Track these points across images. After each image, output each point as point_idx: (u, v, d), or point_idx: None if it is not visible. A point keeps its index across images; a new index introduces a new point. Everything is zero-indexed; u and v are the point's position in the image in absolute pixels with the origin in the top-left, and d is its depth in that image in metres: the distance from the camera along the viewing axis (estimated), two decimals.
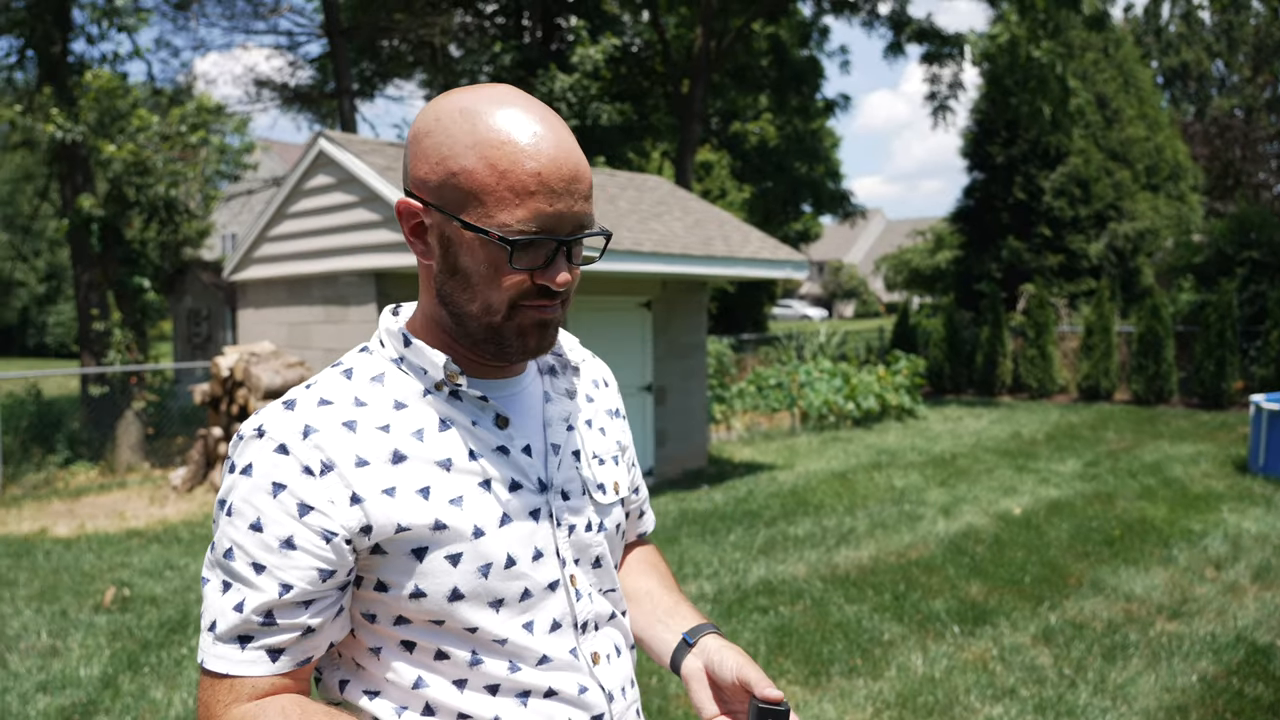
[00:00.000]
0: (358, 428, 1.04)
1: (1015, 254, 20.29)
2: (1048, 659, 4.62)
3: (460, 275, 1.05)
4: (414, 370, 1.10)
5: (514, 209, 0.99)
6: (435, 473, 1.05)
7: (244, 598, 1.00)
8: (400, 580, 1.04)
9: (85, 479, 9.92)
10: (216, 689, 1.01)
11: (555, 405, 1.18)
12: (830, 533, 7.12)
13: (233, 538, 1.01)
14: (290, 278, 8.97)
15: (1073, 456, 10.49)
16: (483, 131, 1.00)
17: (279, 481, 1.00)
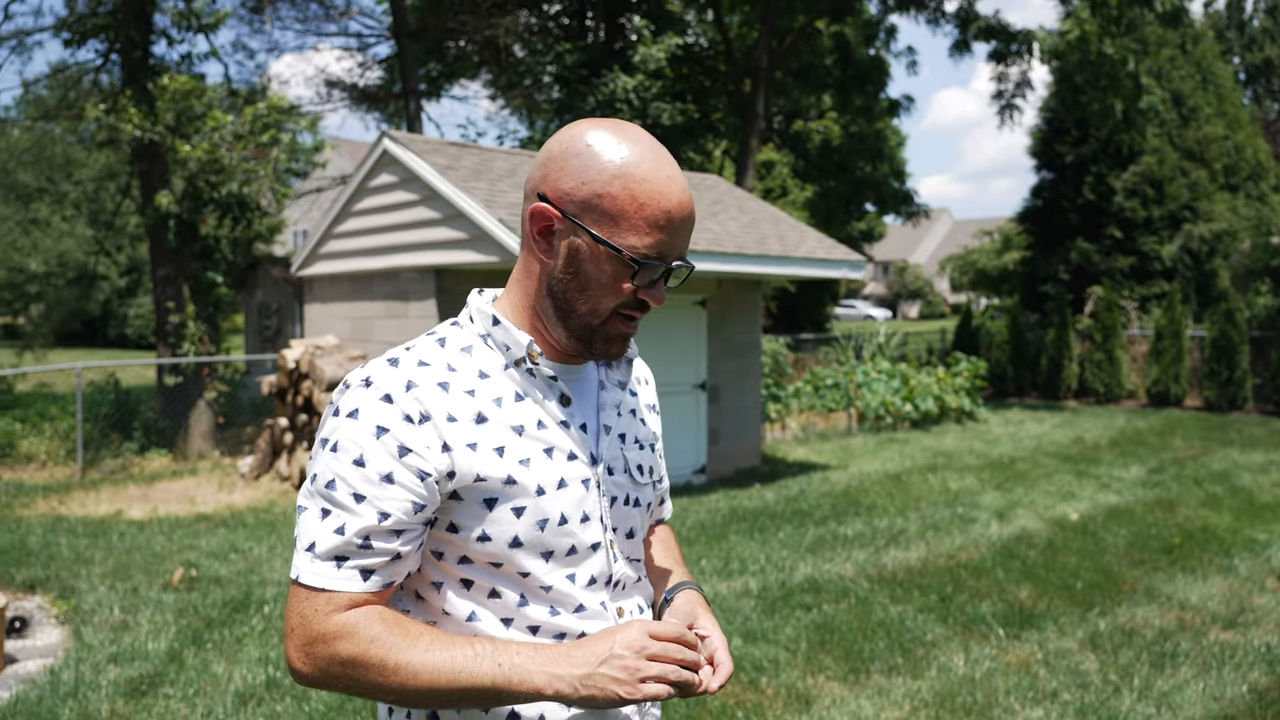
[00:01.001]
0: (450, 389, 1.21)
1: (1084, 256, 19.84)
2: (1093, 664, 4.58)
3: (580, 279, 1.22)
4: (498, 346, 1.26)
5: (643, 236, 1.18)
6: (510, 435, 1.22)
7: (344, 522, 1.15)
8: (471, 524, 1.20)
9: (159, 465, 10.33)
10: (314, 600, 1.15)
11: (609, 393, 1.36)
12: (880, 533, 7.10)
13: (336, 470, 1.16)
14: (354, 273, 9.22)
15: (1136, 463, 10.26)
16: (629, 167, 1.18)
17: (383, 425, 1.16)
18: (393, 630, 1.14)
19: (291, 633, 1.16)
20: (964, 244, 37.84)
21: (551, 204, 1.20)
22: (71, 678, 4.27)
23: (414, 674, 1.12)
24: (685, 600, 1.36)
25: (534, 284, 1.27)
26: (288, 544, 6.70)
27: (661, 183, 1.18)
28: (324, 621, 1.14)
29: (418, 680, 1.12)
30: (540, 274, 1.26)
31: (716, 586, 5.75)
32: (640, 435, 1.40)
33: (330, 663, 1.14)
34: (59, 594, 5.56)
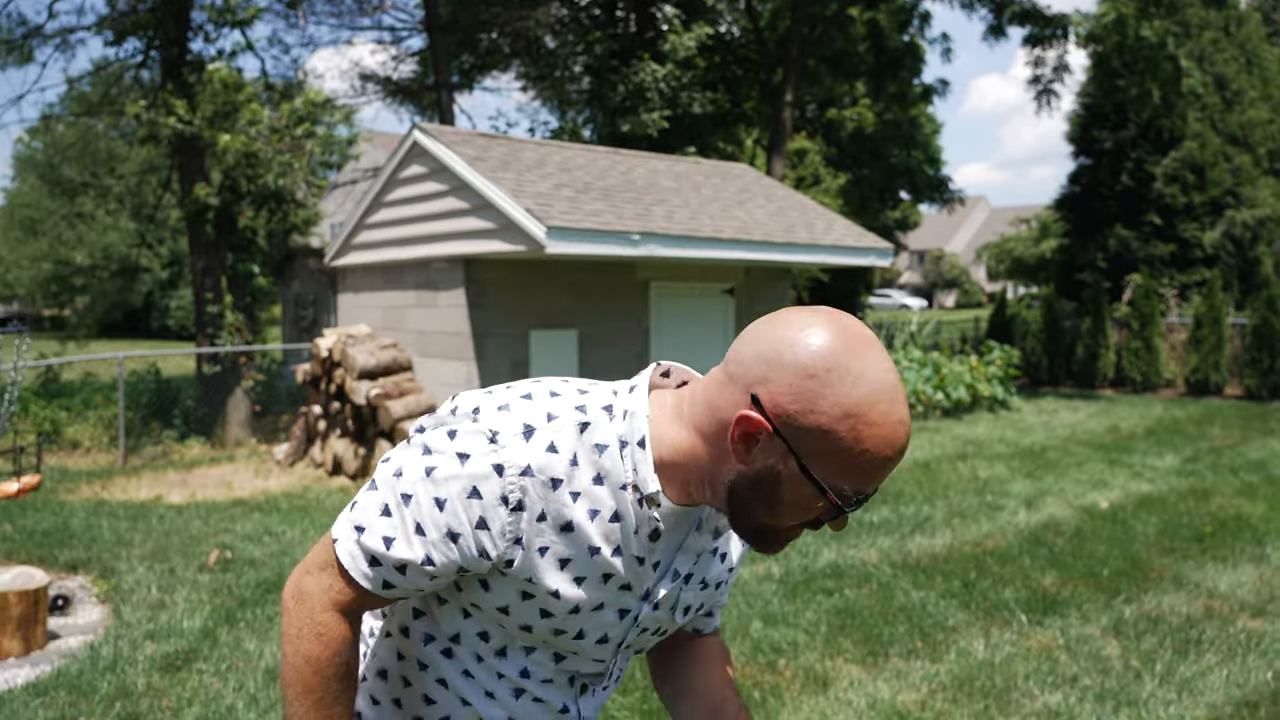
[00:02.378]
0: (559, 488, 1.14)
1: (1122, 243, 19.54)
2: (1115, 650, 4.57)
3: (770, 496, 1.10)
4: (627, 460, 1.15)
5: (854, 479, 1.07)
6: (582, 553, 1.17)
7: (395, 538, 1.15)
8: (500, 594, 1.20)
9: (198, 452, 10.57)
10: (334, 574, 1.18)
11: (698, 537, 1.25)
12: (906, 520, 7.10)
13: (417, 493, 1.14)
14: (386, 263, 9.36)
15: (1171, 452, 10.13)
16: (864, 408, 1.04)
17: (480, 491, 1.12)
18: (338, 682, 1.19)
19: (304, 570, 1.21)
20: (1001, 232, 37.39)
21: (767, 416, 1.06)
22: (110, 653, 4.42)
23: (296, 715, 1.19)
24: None
25: (709, 462, 1.13)
26: (320, 528, 6.84)
27: (890, 429, 1.06)
28: (323, 605, 1.19)
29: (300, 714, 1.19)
30: (725, 463, 1.12)
31: (739, 572, 5.80)
32: (710, 575, 1.31)
33: (297, 627, 1.19)
34: (100, 574, 5.73)
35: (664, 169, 10.08)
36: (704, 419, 1.12)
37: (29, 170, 37.02)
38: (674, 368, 1.26)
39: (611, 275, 8.90)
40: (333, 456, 8.83)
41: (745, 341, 1.10)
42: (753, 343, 1.09)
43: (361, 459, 8.51)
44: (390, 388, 8.42)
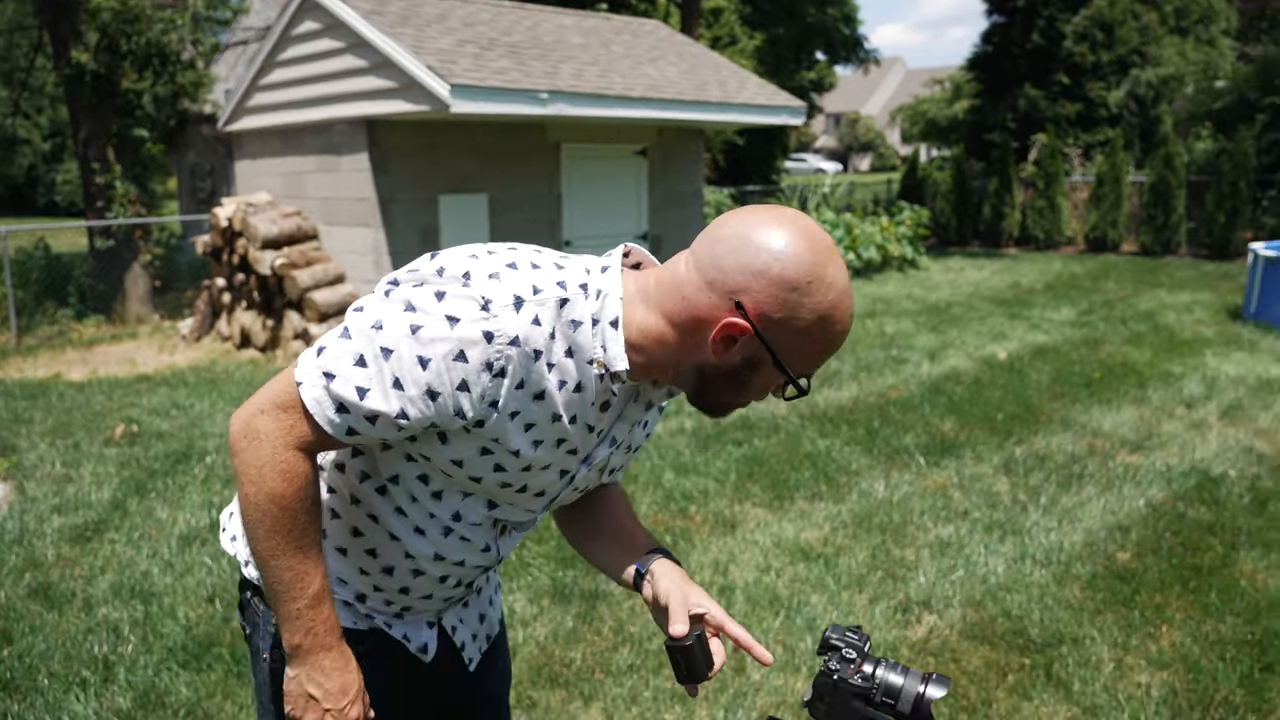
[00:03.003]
0: (539, 358, 1.18)
1: (1031, 102, 19.73)
2: (1005, 486, 4.85)
3: (741, 382, 1.21)
4: (598, 337, 1.21)
5: (811, 363, 1.20)
6: (545, 419, 1.23)
7: (369, 389, 1.15)
8: (458, 449, 1.23)
9: (97, 330, 10.20)
10: (295, 416, 1.18)
11: (636, 408, 1.33)
12: (816, 375, 7.30)
13: (399, 347, 1.14)
14: (283, 127, 8.93)
15: (1068, 305, 10.56)
16: (833, 310, 1.16)
17: (465, 355, 1.14)
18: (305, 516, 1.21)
19: (257, 410, 1.19)
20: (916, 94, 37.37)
21: (751, 323, 1.15)
22: (16, 527, 4.35)
23: (271, 547, 1.21)
24: (673, 585, 1.34)
25: (680, 350, 1.20)
26: (230, 400, 6.73)
27: (848, 323, 1.20)
28: (284, 444, 1.18)
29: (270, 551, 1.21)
30: (698, 353, 1.20)
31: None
32: (634, 441, 1.41)
33: (256, 467, 1.19)
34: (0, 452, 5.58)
35: (572, 25, 9.71)
36: (676, 310, 1.19)
37: None
38: (633, 249, 1.32)
39: (521, 137, 8.67)
40: (240, 329, 8.62)
41: (721, 245, 1.16)
42: (731, 251, 1.15)
43: (270, 330, 8.33)
44: (296, 257, 8.18)
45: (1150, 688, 3.01)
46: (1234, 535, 4.18)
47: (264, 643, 1.41)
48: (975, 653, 3.23)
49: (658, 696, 2.96)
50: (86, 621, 3.47)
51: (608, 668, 3.13)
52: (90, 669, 3.13)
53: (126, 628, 3.41)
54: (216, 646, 3.26)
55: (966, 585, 3.71)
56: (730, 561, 3.94)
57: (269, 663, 1.40)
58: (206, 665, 3.15)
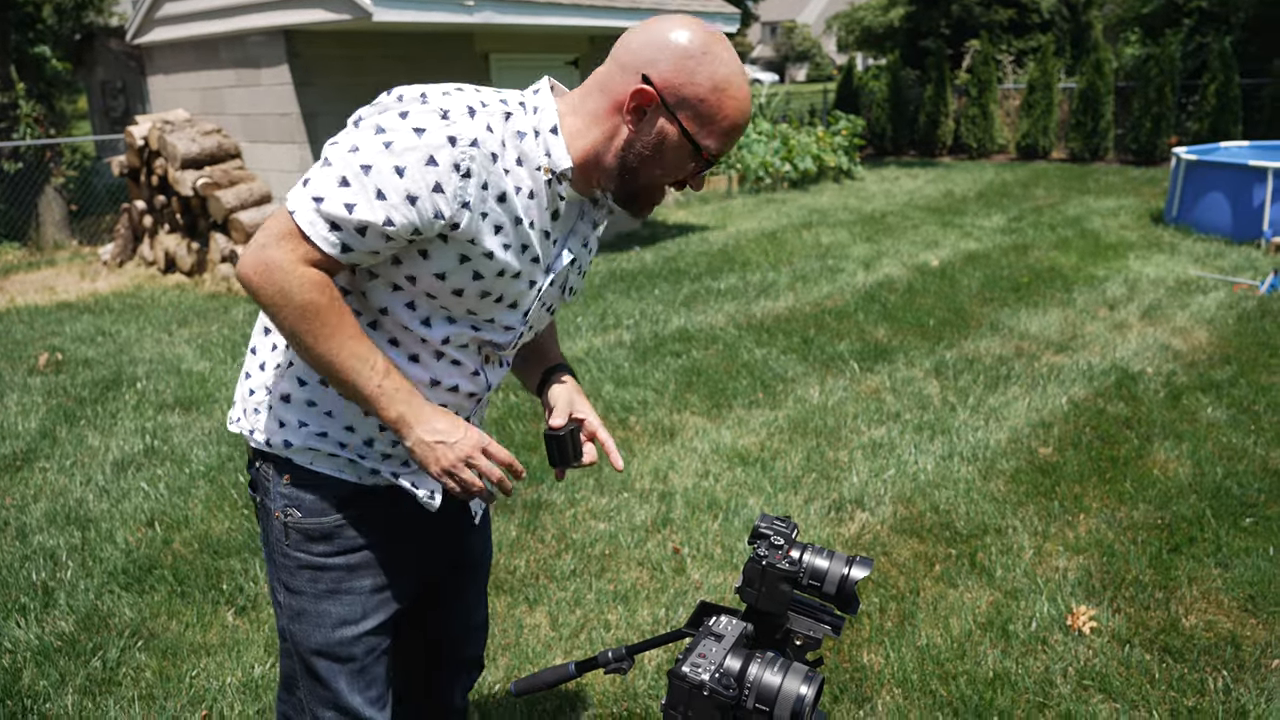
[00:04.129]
0: (497, 161, 1.35)
1: (965, 8, 19.68)
2: (935, 389, 5.00)
3: (658, 158, 1.39)
4: (541, 146, 1.39)
5: (716, 139, 1.38)
6: (510, 222, 1.39)
7: (357, 203, 1.27)
8: (438, 262, 1.37)
9: (12, 258, 9.80)
10: (295, 241, 1.28)
11: (583, 225, 1.55)
12: (752, 286, 7.37)
13: (375, 160, 1.27)
14: (197, 39, 8.53)
15: (999, 212, 10.73)
16: (728, 84, 1.36)
17: (436, 159, 1.28)
18: (342, 318, 1.32)
19: (260, 246, 1.29)
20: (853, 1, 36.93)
21: (656, 89, 1.34)
22: None
23: (333, 352, 1.32)
24: (563, 391, 1.61)
25: (605, 138, 1.39)
26: (158, 326, 6.57)
27: (743, 102, 1.37)
28: (295, 262, 1.28)
29: (331, 357, 1.32)
30: (618, 136, 1.39)
31: (592, 341, 5.95)
32: (584, 263, 1.60)
33: (280, 291, 1.29)
34: None
35: None
36: (598, 104, 1.39)
37: None
38: (555, 83, 1.49)
39: (449, 47, 8.41)
40: (164, 253, 8.36)
41: (631, 37, 1.38)
42: (638, 38, 1.37)
43: (196, 254, 8.09)
44: (219, 176, 7.90)
45: (1067, 571, 3.18)
46: (1149, 428, 4.38)
47: (274, 503, 1.51)
48: (904, 545, 3.37)
49: (600, 599, 3.04)
50: (21, 549, 3.43)
51: (551, 573, 3.20)
52: (29, 595, 3.11)
53: (64, 554, 3.38)
54: (158, 569, 3.25)
55: (897, 483, 3.85)
56: (670, 468, 4.02)
57: (280, 520, 1.51)
58: (149, 587, 3.15)
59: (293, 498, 1.50)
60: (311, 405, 1.47)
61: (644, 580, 3.16)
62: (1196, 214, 9.16)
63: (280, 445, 1.49)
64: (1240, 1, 15.84)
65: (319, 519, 1.50)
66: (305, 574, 1.52)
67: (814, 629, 1.38)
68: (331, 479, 1.50)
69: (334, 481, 1.50)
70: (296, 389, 1.48)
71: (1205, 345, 5.62)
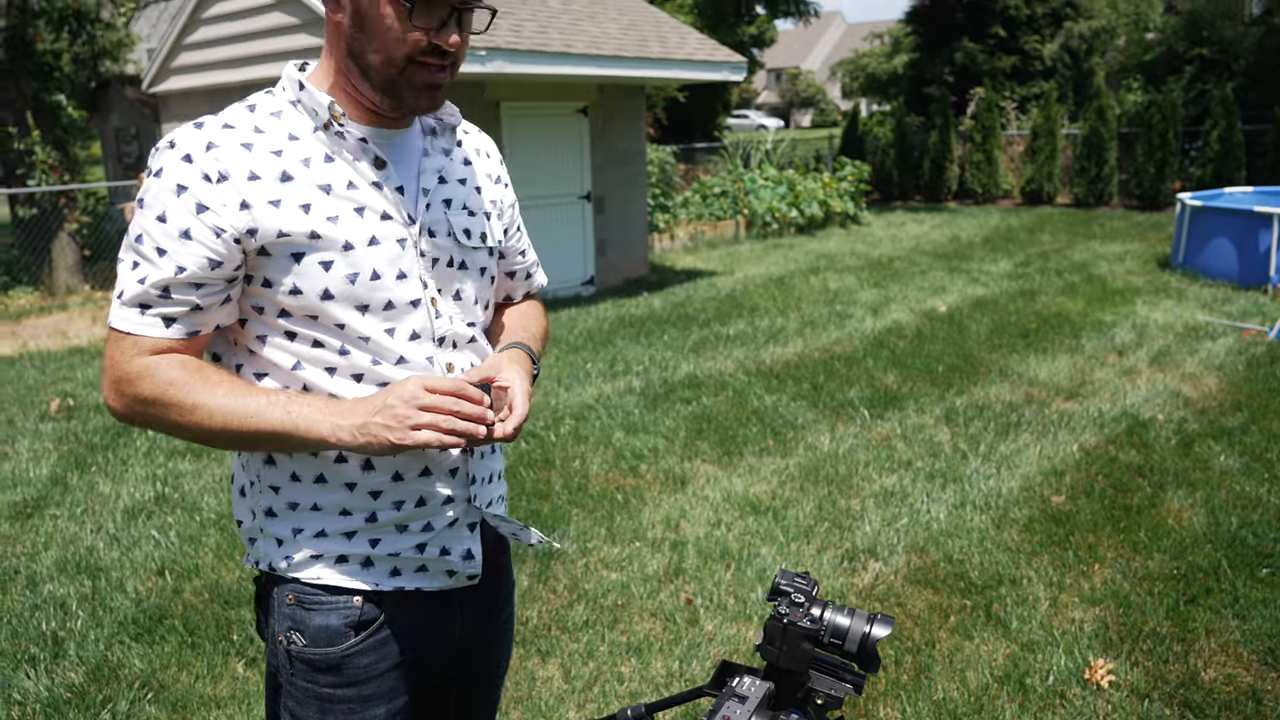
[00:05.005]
0: (254, 149, 1.25)
1: (968, 56, 19.91)
2: (946, 436, 4.98)
3: (368, 30, 1.24)
4: (308, 111, 1.29)
5: None
6: (316, 194, 1.27)
7: (147, 274, 1.21)
8: (281, 278, 1.26)
9: (26, 302, 9.88)
10: (122, 344, 1.23)
11: (432, 159, 1.39)
12: (761, 332, 7.39)
13: (144, 226, 1.22)
14: (211, 88, 8.68)
15: (1005, 258, 10.78)
16: None
17: (182, 184, 1.21)
18: (191, 375, 1.23)
19: (104, 372, 1.26)
20: (856, 48, 37.44)
21: None
22: None
23: (209, 415, 1.22)
24: (496, 357, 1.38)
25: (336, 47, 1.29)
26: None
27: None
28: (129, 363, 1.23)
29: (212, 421, 1.22)
30: (337, 34, 1.28)
31: (601, 387, 5.96)
32: (471, 203, 1.44)
33: (135, 400, 1.24)
34: None
35: None
36: (326, 32, 1.31)
37: None
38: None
39: (460, 95, 8.53)
40: None
41: None
42: None
43: None
44: None
45: (1083, 623, 3.15)
46: (1162, 476, 4.36)
47: (278, 625, 1.37)
48: (919, 596, 3.34)
49: (613, 651, 3.02)
50: (32, 598, 3.42)
51: (563, 624, 3.18)
52: (39, 645, 3.09)
53: (74, 603, 3.37)
54: (169, 619, 3.24)
55: (910, 532, 3.83)
56: (681, 517, 4.01)
57: (284, 646, 1.36)
58: (159, 637, 3.13)
59: (296, 621, 1.34)
60: (294, 508, 1.34)
61: (657, 632, 3.13)
62: (1203, 259, 9.19)
63: (284, 566, 1.35)
64: (1241, 49, 16.03)
65: (325, 649, 1.34)
66: (313, 705, 1.37)
67: (836, 687, 1.37)
68: (341, 596, 1.34)
69: (344, 598, 1.34)
70: (274, 498, 1.35)
71: (1215, 392, 5.61)
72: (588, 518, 4.01)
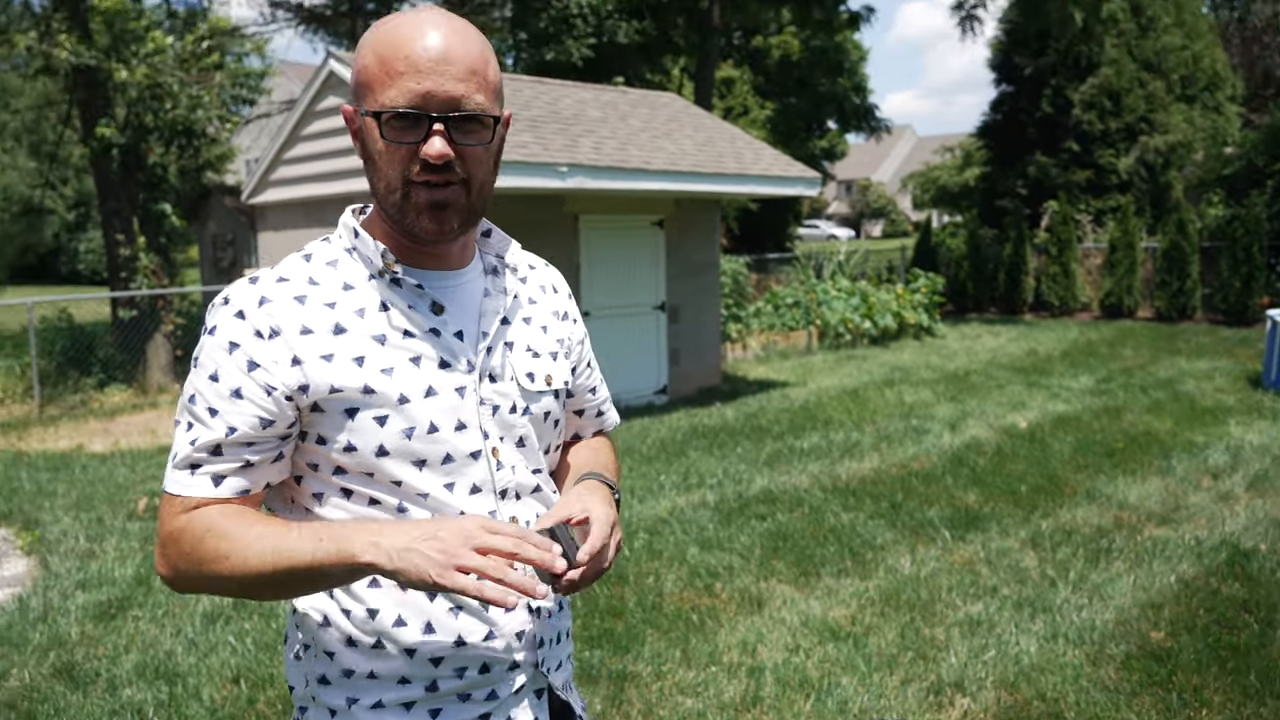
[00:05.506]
0: (307, 302, 1.22)
1: (1042, 170, 19.94)
2: (1033, 561, 4.80)
3: (369, 161, 1.22)
4: (362, 259, 1.27)
5: (389, 90, 1.16)
6: (371, 345, 1.22)
7: (199, 435, 1.19)
8: (335, 435, 1.21)
9: (119, 400, 10.27)
10: (171, 505, 1.20)
11: (492, 300, 1.33)
12: (836, 446, 7.29)
13: (197, 386, 1.20)
14: (306, 200, 9.10)
15: (1086, 373, 10.53)
16: (381, 33, 1.19)
17: (235, 341, 1.19)
18: (229, 520, 1.17)
19: (156, 542, 1.22)
20: (927, 161, 37.84)
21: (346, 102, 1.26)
22: (40, 604, 4.34)
23: (244, 559, 1.14)
24: (572, 491, 1.31)
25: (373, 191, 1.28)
26: None
27: (406, 30, 1.16)
28: (173, 521, 1.19)
29: (247, 565, 1.14)
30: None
31: (675, 500, 5.91)
32: (536, 343, 1.37)
33: (178, 559, 1.18)
34: (23, 526, 5.59)
35: (591, 99, 9.93)
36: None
37: None
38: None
39: (540, 209, 8.80)
40: None
41: None
42: None
43: None
44: None
45: None
46: (1269, 613, 4.11)
47: None
48: None
49: None
50: (110, 703, 3.44)
51: None
52: None
53: (151, 709, 3.38)
54: None
55: (999, 666, 3.65)
56: (758, 641, 3.89)
57: None
58: None
59: None
60: (349, 676, 1.26)
61: None
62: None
63: None
64: None
65: None
66: None
67: None
68: None
69: None
70: (328, 664, 1.27)
71: None
72: (662, 638, 3.92)
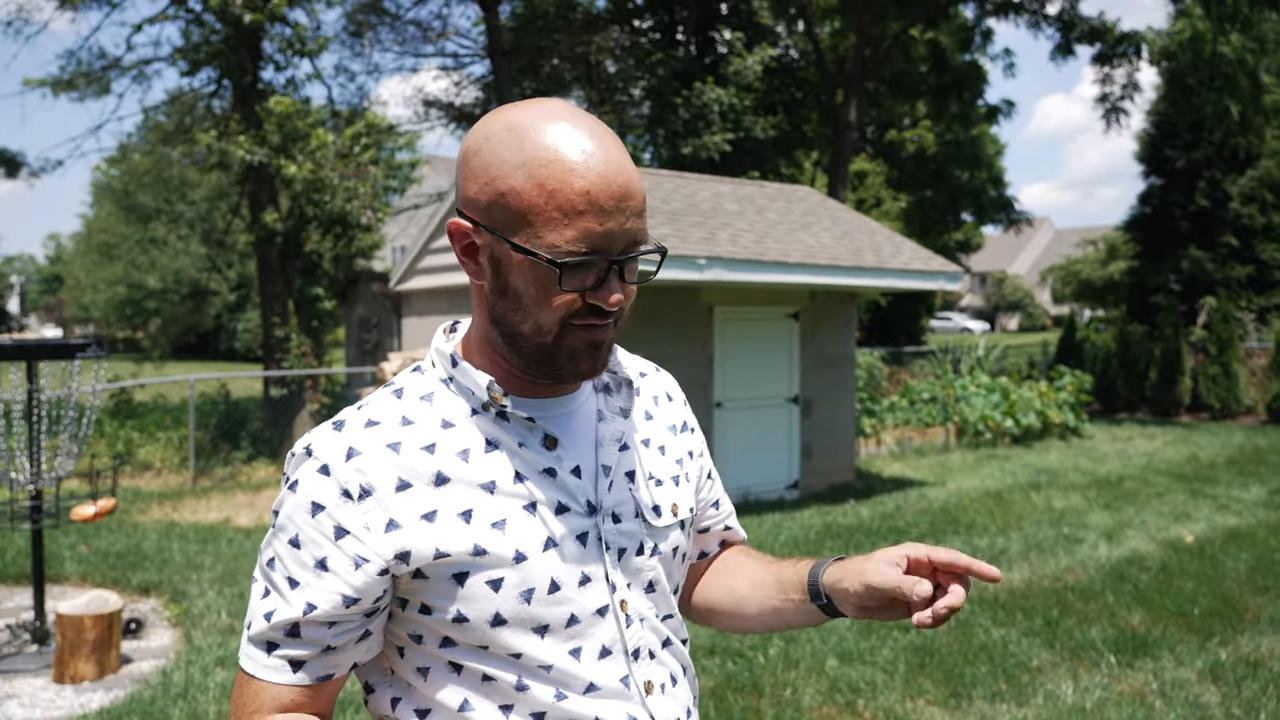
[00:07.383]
0: (402, 449, 1.05)
1: (1197, 264, 18.96)
2: (1215, 697, 4.33)
3: (511, 296, 1.03)
4: (462, 391, 1.10)
5: (563, 229, 0.98)
6: (478, 495, 1.05)
7: (275, 608, 1.03)
8: (443, 604, 1.05)
9: (264, 474, 10.71)
10: (245, 690, 1.05)
11: (609, 425, 1.16)
12: (981, 553, 6.88)
13: (276, 549, 1.05)
14: (450, 288, 9.41)
15: (1257, 483, 9.72)
16: (531, 149, 0.98)
17: (319, 502, 1.02)
18: None
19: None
20: (1066, 254, 36.61)
21: (464, 215, 1.04)
22: (182, 679, 4.43)
23: None
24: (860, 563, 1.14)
25: (480, 311, 1.10)
26: None
27: (575, 159, 0.97)
28: (250, 714, 1.05)
29: None
30: (480, 298, 1.09)
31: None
32: (657, 469, 1.20)
33: None
34: (171, 597, 5.79)
35: (728, 192, 10.01)
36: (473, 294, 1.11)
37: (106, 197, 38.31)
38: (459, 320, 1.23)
39: (676, 299, 8.84)
40: None
41: None
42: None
43: None
44: None
45: None
46: None
47: None
48: None
49: None
50: None
51: None
52: None
53: None
54: None
55: None
56: None
57: None
58: None
59: None
60: None
61: None
62: None
63: None
64: None
65: None
66: None
67: None
68: None
69: None
70: None
71: None
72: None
